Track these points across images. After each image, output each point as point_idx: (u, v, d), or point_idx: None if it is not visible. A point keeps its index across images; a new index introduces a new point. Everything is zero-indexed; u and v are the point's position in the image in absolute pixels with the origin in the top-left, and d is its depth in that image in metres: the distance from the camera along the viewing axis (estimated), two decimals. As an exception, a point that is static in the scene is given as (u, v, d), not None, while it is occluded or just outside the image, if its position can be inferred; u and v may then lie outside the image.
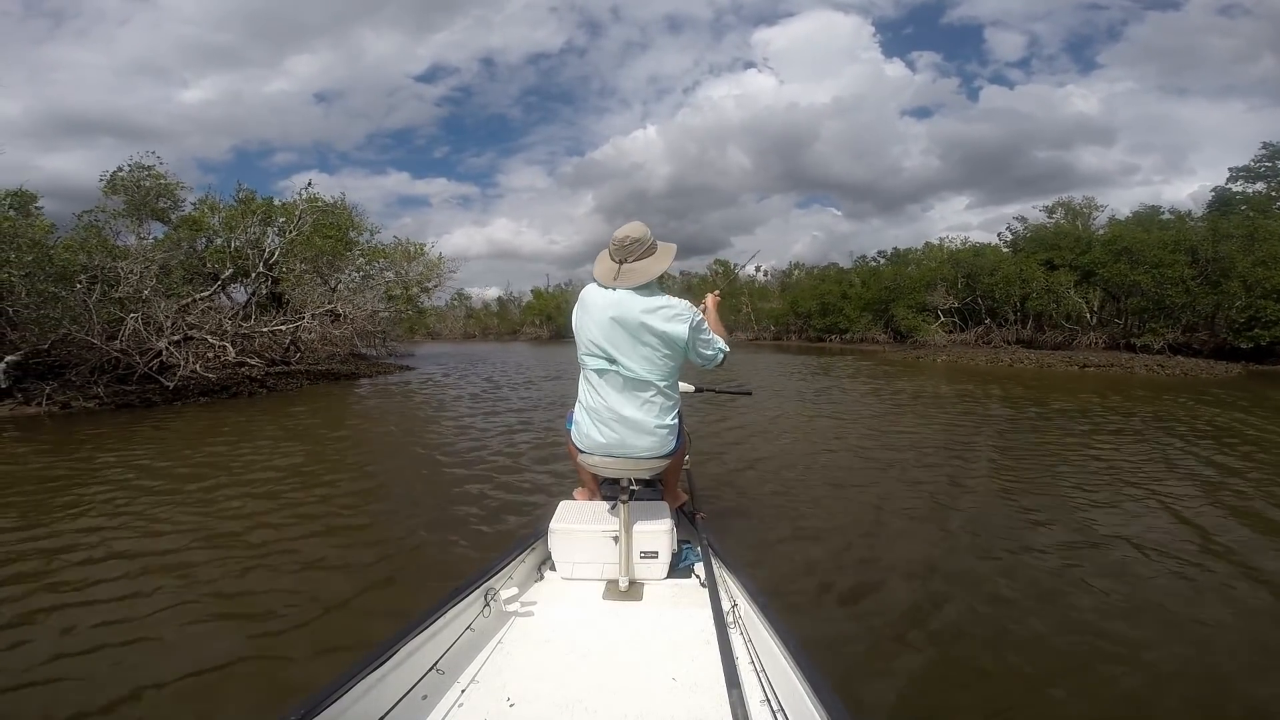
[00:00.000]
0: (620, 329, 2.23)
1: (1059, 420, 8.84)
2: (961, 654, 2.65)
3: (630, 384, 2.27)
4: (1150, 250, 27.66)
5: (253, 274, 15.06)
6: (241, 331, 12.90)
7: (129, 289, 11.65)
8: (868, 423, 8.63)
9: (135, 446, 7.06)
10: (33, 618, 2.97)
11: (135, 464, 6.13)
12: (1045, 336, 31.84)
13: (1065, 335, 31.10)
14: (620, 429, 2.30)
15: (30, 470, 5.97)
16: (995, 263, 33.50)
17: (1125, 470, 5.74)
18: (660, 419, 2.32)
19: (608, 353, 2.25)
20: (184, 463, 6.20)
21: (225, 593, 3.23)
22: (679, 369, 2.38)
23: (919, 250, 46.73)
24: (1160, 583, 3.33)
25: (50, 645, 2.70)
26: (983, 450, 6.66)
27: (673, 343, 2.24)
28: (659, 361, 2.26)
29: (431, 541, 3.99)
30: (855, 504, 4.75)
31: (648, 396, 2.29)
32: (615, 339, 2.24)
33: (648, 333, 2.21)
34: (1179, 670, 2.53)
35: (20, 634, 2.82)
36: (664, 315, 2.22)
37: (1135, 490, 5.10)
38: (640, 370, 2.24)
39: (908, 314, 34.96)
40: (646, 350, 2.24)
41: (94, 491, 5.17)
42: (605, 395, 2.30)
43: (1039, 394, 12.47)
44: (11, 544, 3.97)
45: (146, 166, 15.40)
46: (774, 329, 51.79)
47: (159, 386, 11.17)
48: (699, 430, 7.20)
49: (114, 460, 6.33)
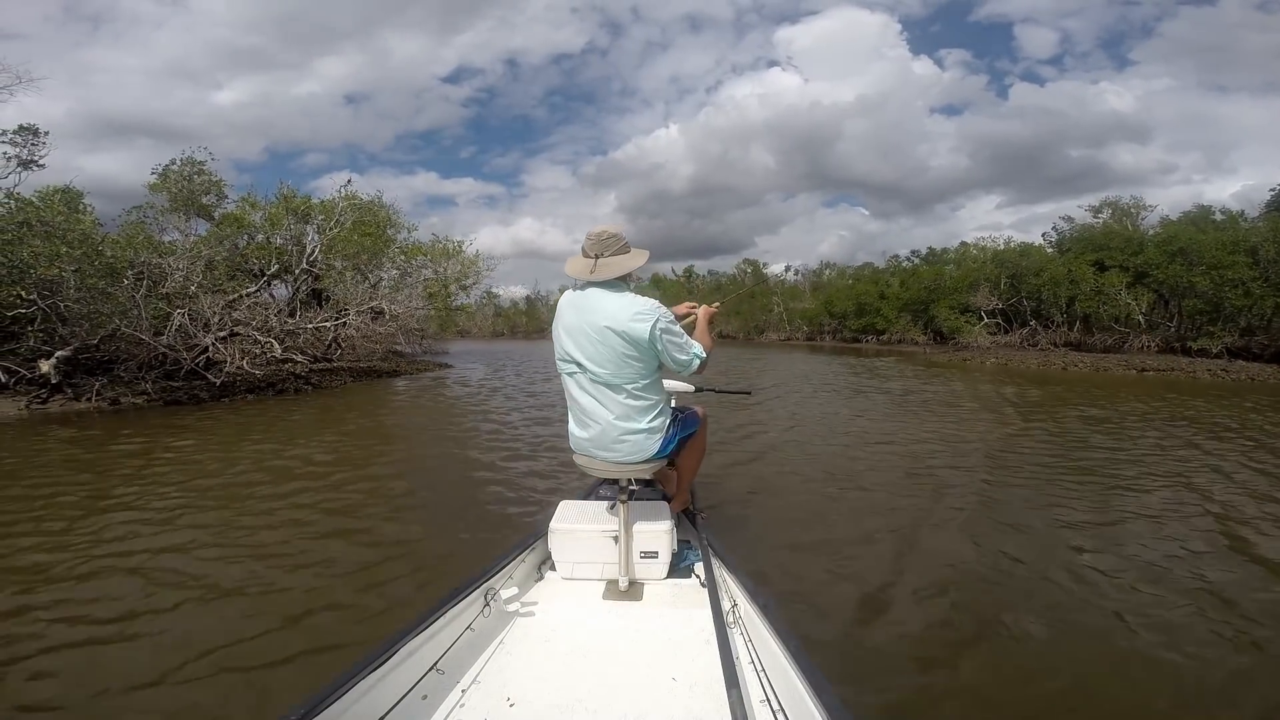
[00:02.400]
0: (586, 332, 2.22)
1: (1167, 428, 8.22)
2: (970, 661, 2.53)
3: (600, 387, 2.25)
4: (1208, 251, 26.64)
5: (296, 270, 14.94)
6: (287, 328, 12.76)
7: (176, 285, 11.58)
8: (934, 428, 8.11)
9: (184, 442, 6.85)
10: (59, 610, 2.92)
11: (188, 460, 5.91)
12: (1094, 339, 30.79)
13: (1115, 338, 30.06)
14: (595, 431, 2.29)
15: (83, 463, 5.77)
16: (1042, 263, 32.48)
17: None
18: (635, 422, 2.27)
19: (574, 356, 2.26)
20: (242, 463, 5.97)
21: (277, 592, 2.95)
22: (653, 371, 2.32)
23: (954, 250, 45.79)
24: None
25: (76, 632, 2.71)
26: (1067, 458, 6.13)
27: (636, 343, 2.18)
28: (624, 364, 2.21)
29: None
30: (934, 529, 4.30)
31: (620, 400, 2.25)
32: (581, 342, 2.24)
33: (611, 334, 2.18)
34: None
35: (45, 627, 2.78)
36: (627, 315, 2.18)
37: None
38: (606, 374, 2.22)
39: (950, 315, 34.05)
40: (608, 352, 2.20)
41: (140, 488, 4.97)
42: (579, 398, 2.30)
43: (1107, 398, 11.77)
44: (55, 535, 3.86)
45: (198, 162, 15.40)
46: (807, 329, 50.95)
47: (206, 383, 11.06)
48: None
49: (170, 458, 6.11)
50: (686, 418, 2.54)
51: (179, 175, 15.22)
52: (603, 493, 2.92)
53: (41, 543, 3.81)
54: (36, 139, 13.14)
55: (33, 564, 3.48)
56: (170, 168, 15.27)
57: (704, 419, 2.67)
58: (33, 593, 3.11)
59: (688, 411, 2.60)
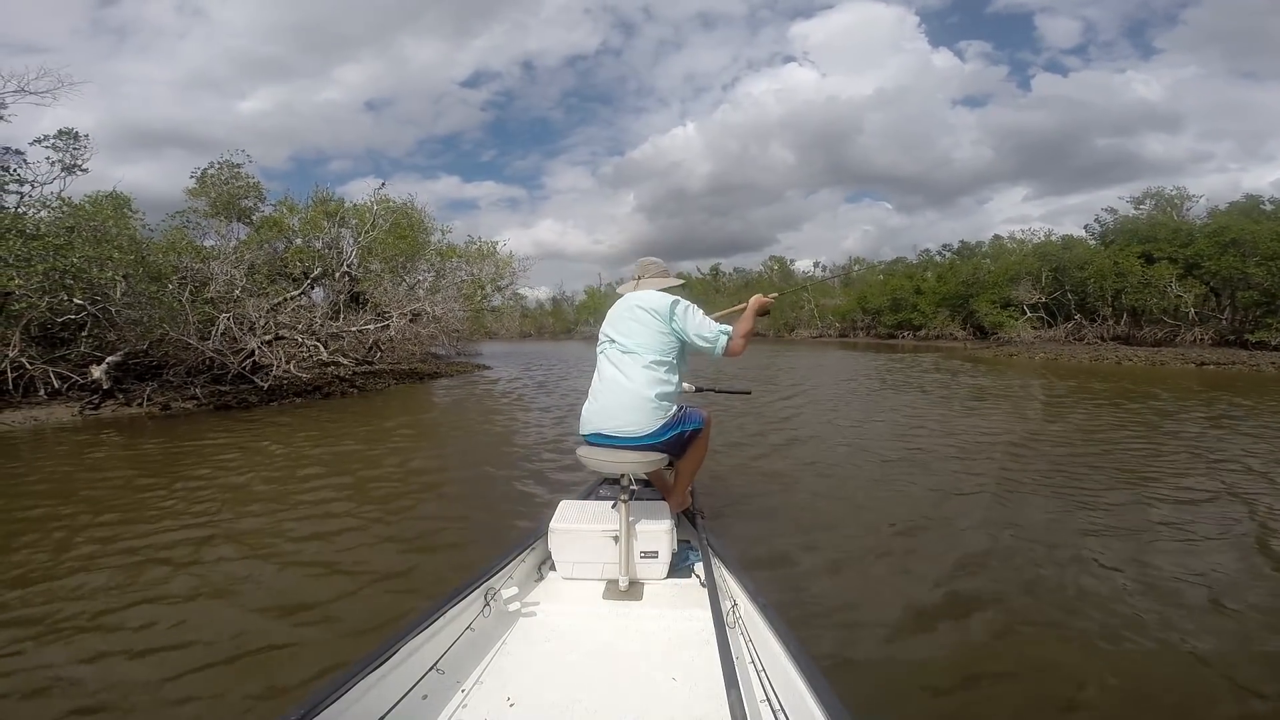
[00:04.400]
0: (621, 313, 2.55)
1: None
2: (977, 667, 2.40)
3: (623, 356, 2.45)
4: (1264, 242, 25.73)
5: (336, 274, 14.84)
6: (330, 331, 12.64)
7: (220, 288, 11.51)
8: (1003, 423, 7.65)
9: (247, 442, 6.66)
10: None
11: (254, 461, 5.70)
12: (1143, 333, 29.84)
13: (1166, 331, 29.09)
14: (607, 398, 2.42)
15: (146, 466, 5.58)
16: (1086, 256, 31.54)
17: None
18: (650, 389, 2.38)
19: (608, 334, 2.55)
20: (311, 461, 5.75)
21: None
22: (674, 350, 2.48)
23: (988, 244, 44.83)
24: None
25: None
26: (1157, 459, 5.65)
27: (659, 314, 2.45)
28: (647, 334, 2.45)
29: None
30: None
31: (638, 368, 2.41)
32: (615, 321, 2.55)
33: (640, 310, 2.48)
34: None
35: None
36: (656, 295, 2.53)
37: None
38: (630, 343, 2.45)
39: (991, 309, 33.24)
40: (635, 325, 2.47)
41: (201, 491, 4.78)
42: (603, 368, 2.50)
43: (1179, 392, 11.14)
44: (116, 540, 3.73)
45: (235, 165, 15.37)
46: (839, 326, 50.14)
47: (254, 387, 10.95)
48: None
49: (232, 460, 5.91)
50: (691, 414, 2.57)
51: (216, 178, 15.19)
52: (603, 492, 2.92)
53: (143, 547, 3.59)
54: (78, 143, 13.20)
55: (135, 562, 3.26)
56: (208, 171, 15.26)
57: (708, 422, 2.68)
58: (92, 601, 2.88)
59: (694, 410, 2.61)
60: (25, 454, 6.78)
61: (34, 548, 3.76)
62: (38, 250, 9.16)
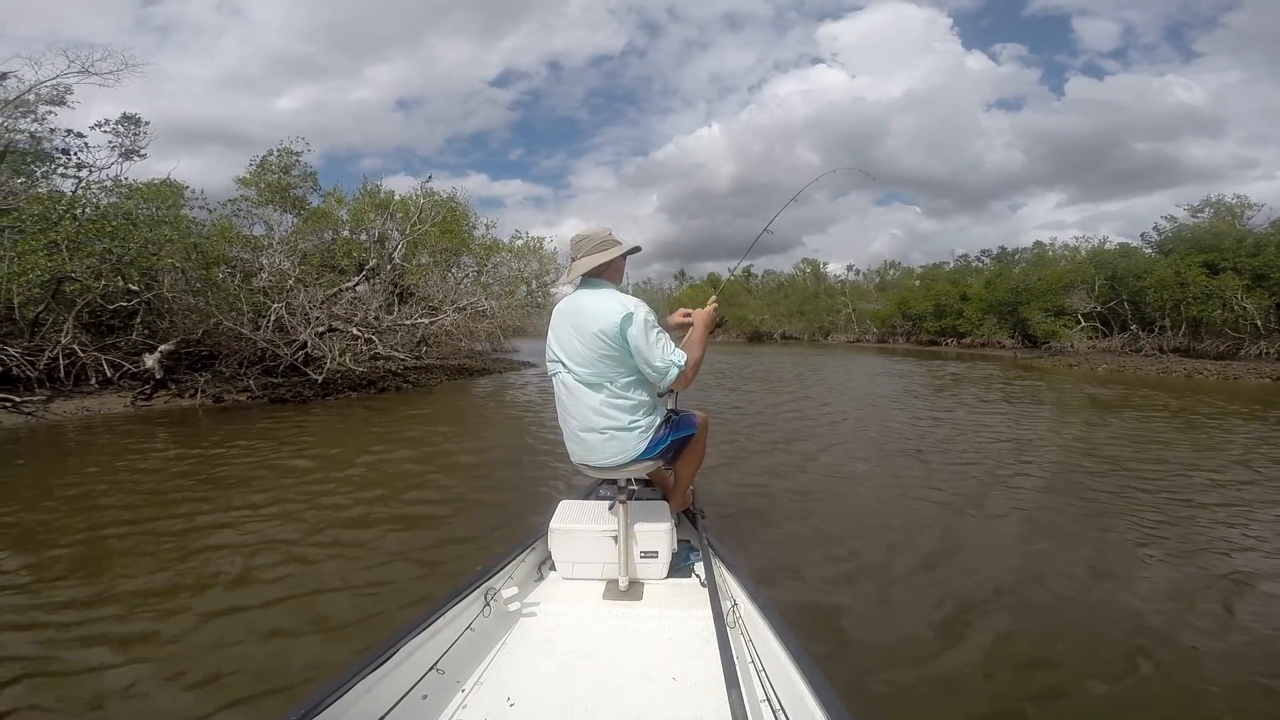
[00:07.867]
0: (567, 330, 2.21)
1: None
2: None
3: (581, 387, 2.19)
4: (1339, 252, 24.36)
5: (386, 267, 14.51)
6: (383, 324, 12.29)
7: (273, 278, 11.21)
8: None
9: (315, 448, 6.24)
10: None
11: (323, 464, 5.26)
12: (1205, 345, 28.52)
13: (1228, 344, 27.78)
14: (576, 429, 2.24)
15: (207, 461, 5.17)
16: (1146, 265, 30.28)
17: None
18: (624, 417, 2.18)
19: (557, 355, 2.25)
20: (376, 464, 5.29)
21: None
22: (635, 369, 2.18)
23: (1029, 250, 43.57)
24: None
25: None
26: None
27: (609, 337, 2.11)
28: (601, 362, 2.15)
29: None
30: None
31: (601, 399, 2.17)
32: (562, 340, 2.23)
33: (586, 330, 2.14)
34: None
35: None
36: (600, 309, 2.13)
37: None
38: (586, 373, 2.17)
39: (1043, 318, 32.03)
40: (585, 350, 2.16)
41: (267, 489, 4.53)
42: (563, 397, 2.26)
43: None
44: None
45: (295, 153, 15.12)
46: (877, 331, 48.98)
47: (308, 380, 10.61)
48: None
49: (305, 464, 5.48)
50: (683, 420, 2.40)
51: (275, 165, 14.94)
52: (603, 493, 2.87)
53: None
54: (139, 129, 13.03)
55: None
56: (268, 158, 15.01)
57: (703, 424, 2.50)
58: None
59: (684, 414, 2.45)
60: (74, 449, 6.55)
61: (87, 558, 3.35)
62: (94, 231, 8.88)
